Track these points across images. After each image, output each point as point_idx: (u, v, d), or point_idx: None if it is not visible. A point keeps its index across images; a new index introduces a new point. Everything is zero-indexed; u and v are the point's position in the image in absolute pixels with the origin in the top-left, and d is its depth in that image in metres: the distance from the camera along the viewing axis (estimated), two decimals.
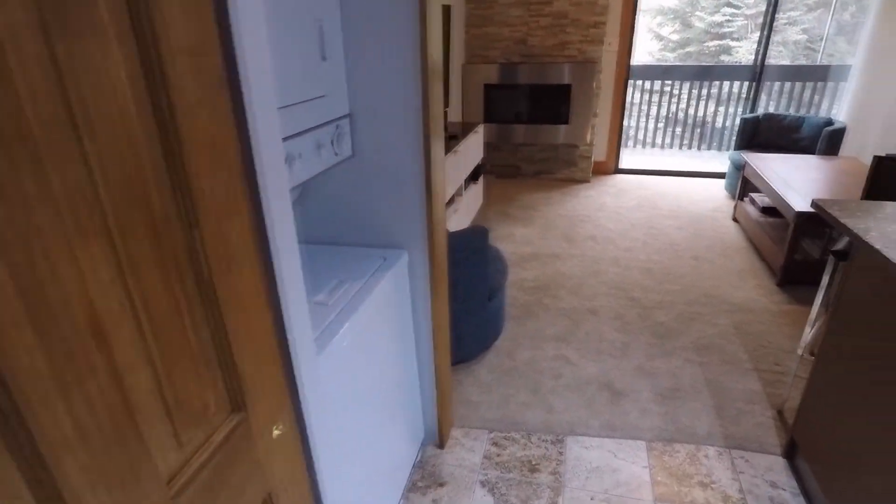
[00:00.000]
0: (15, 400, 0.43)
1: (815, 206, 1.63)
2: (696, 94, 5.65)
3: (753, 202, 3.45)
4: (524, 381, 2.21)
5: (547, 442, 1.90)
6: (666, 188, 4.56)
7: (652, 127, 5.97)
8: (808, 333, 2.03)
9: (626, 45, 4.55)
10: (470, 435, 1.95)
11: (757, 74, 4.68)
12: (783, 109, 5.29)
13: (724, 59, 8.93)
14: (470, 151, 3.49)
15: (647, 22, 9.25)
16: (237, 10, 0.67)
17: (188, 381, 0.65)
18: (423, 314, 1.68)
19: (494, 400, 2.11)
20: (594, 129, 4.60)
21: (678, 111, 5.86)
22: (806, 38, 8.48)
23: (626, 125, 5.96)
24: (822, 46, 6.56)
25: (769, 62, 4.80)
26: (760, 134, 4.26)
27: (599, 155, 4.92)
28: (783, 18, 8.45)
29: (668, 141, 6.06)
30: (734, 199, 3.87)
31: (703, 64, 8.58)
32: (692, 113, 5.81)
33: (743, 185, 3.64)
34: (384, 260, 1.53)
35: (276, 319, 0.84)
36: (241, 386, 0.74)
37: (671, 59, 9.23)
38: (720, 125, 5.91)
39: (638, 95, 5.85)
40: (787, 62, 8.13)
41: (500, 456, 1.85)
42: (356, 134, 1.49)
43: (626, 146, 6.05)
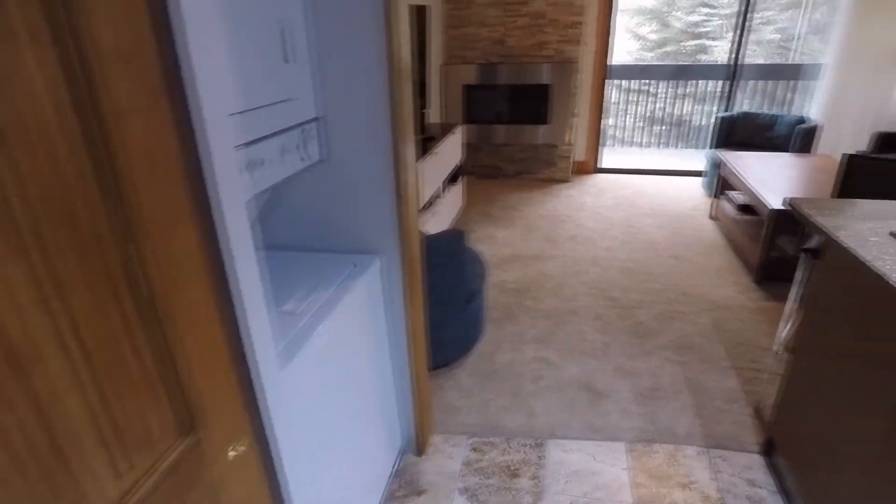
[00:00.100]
0: None
1: (788, 204, 1.64)
2: (674, 93, 5.72)
3: (730, 200, 3.48)
4: (505, 384, 2.19)
5: (527, 446, 1.88)
6: (645, 187, 4.59)
7: (632, 126, 6.01)
8: (783, 330, 2.04)
9: (603, 44, 4.56)
10: (450, 441, 1.92)
11: (732, 73, 4.73)
12: (759, 108, 5.36)
13: (701, 58, 9.04)
14: (449, 153, 3.47)
15: (625, 22, 9.33)
16: (180, 11, 0.63)
17: (128, 405, 0.61)
18: (397, 320, 1.65)
19: (475, 404, 2.09)
20: (573, 128, 4.61)
21: (656, 110, 5.91)
22: (780, 37, 8.62)
23: (606, 124, 6.00)
24: (795, 46, 6.67)
25: (745, 61, 4.86)
26: (737, 132, 4.30)
27: (579, 154, 4.94)
28: (758, 18, 8.57)
29: (647, 140, 6.11)
30: (712, 197, 3.90)
31: (680, 63, 8.67)
32: (671, 112, 5.87)
33: (720, 183, 3.67)
34: (355, 266, 1.50)
35: (232, 334, 0.81)
36: (191, 407, 0.70)
37: (650, 58, 9.32)
38: (698, 124, 5.98)
39: (617, 95, 5.89)
40: (762, 61, 8.26)
41: (479, 462, 1.82)
42: (325, 138, 1.46)
43: (606, 145, 6.08)
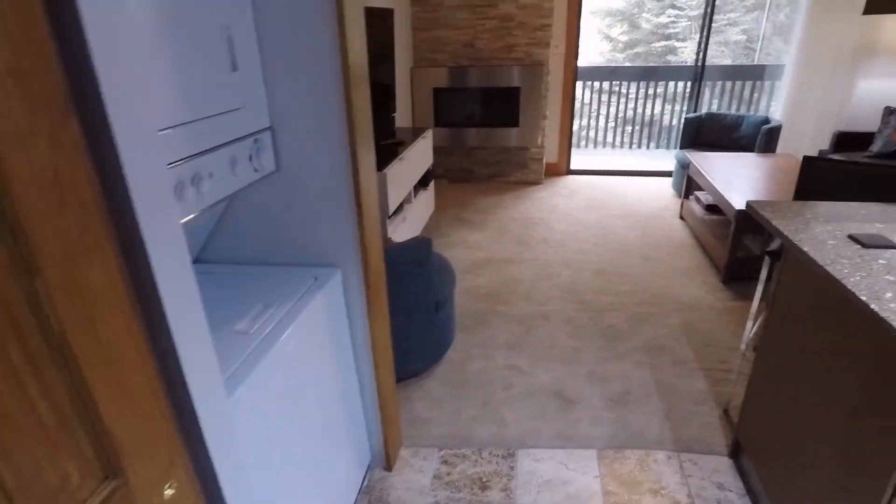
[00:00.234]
0: None
1: (748, 208, 1.65)
2: (644, 93, 5.78)
3: (698, 200, 3.52)
4: (475, 393, 2.16)
5: (498, 457, 1.86)
6: (616, 188, 4.63)
7: (604, 126, 6.07)
8: (749, 330, 2.07)
9: (572, 47, 4.58)
10: (419, 454, 1.89)
11: (698, 75, 4.80)
12: (727, 108, 5.47)
13: (670, 59, 9.19)
14: (418, 157, 3.43)
15: (596, 23, 9.45)
16: (88, 22, 0.58)
17: (36, 454, 0.55)
18: (361, 334, 1.60)
19: (445, 415, 2.05)
20: (544, 131, 4.62)
21: (626, 111, 5.97)
22: (745, 38, 8.83)
23: (579, 125, 6.04)
24: (759, 46, 6.83)
25: (712, 62, 4.95)
26: (703, 133, 4.37)
27: (551, 157, 4.95)
28: (724, 20, 8.76)
29: (618, 140, 6.17)
30: (681, 197, 3.95)
31: (649, 65, 8.80)
32: (641, 112, 5.94)
33: (688, 183, 3.72)
34: (315, 280, 1.45)
35: (166, 365, 0.76)
36: (114, 448, 0.65)
37: (621, 59, 9.44)
38: (667, 124, 6.07)
39: (589, 95, 5.94)
40: (729, 61, 8.44)
41: (450, 475, 1.79)
42: (279, 147, 1.41)
43: (579, 146, 6.13)
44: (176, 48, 0.99)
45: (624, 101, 5.95)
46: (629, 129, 6.11)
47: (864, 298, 1.09)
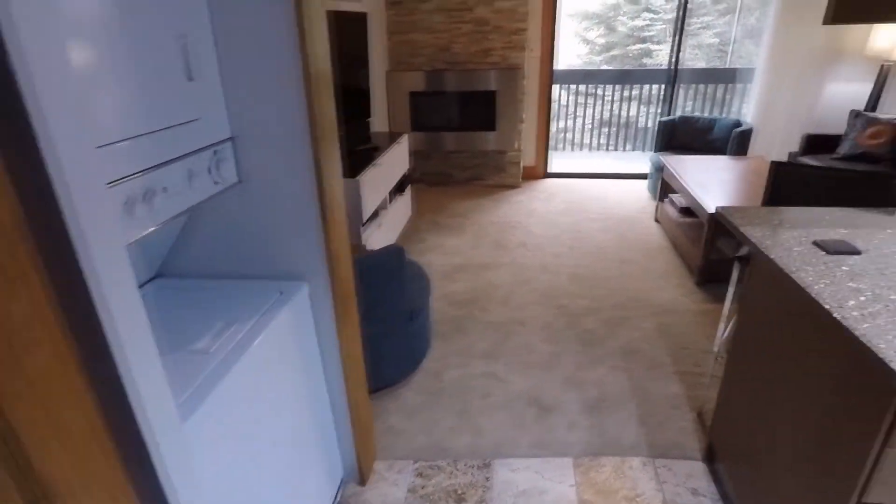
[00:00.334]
0: None
1: (718, 214, 1.66)
2: (621, 95, 5.84)
3: (673, 203, 3.56)
4: (452, 402, 2.14)
5: (474, 468, 1.83)
6: (594, 191, 4.66)
7: (582, 129, 6.11)
8: (721, 333, 2.08)
9: (548, 50, 4.60)
10: (394, 467, 1.85)
11: (672, 78, 4.86)
12: (701, 111, 5.55)
13: (646, 61, 9.30)
14: (394, 163, 3.40)
15: (574, 26, 9.53)
16: (11, 27, 0.55)
17: None
18: (330, 347, 1.57)
19: (420, 426, 2.02)
20: (521, 134, 4.63)
21: (602, 113, 6.02)
22: (719, 41, 8.99)
23: (557, 128, 6.07)
24: (731, 49, 6.95)
25: (687, 65, 5.01)
26: (677, 136, 4.42)
27: (529, 160, 4.96)
28: (698, 23, 8.91)
29: (597, 142, 6.22)
30: (656, 200, 3.99)
31: (624, 68, 8.90)
32: (619, 115, 5.99)
33: (662, 186, 3.75)
34: (280, 294, 1.41)
35: (107, 397, 0.72)
36: (47, 494, 0.61)
37: (598, 61, 9.53)
38: (643, 126, 6.13)
39: (567, 97, 5.97)
40: (703, 64, 8.57)
41: (425, 488, 1.76)
42: (242, 158, 1.37)
43: (557, 149, 6.16)
44: (124, 59, 0.95)
45: (601, 103, 6.00)
46: (606, 130, 6.17)
47: (827, 307, 1.10)
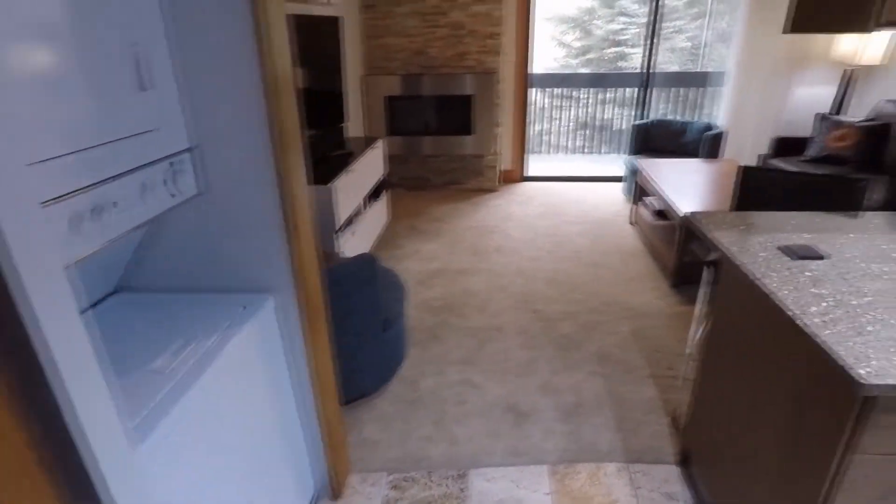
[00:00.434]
0: None
1: (688, 220, 1.67)
2: (598, 99, 5.90)
3: (647, 206, 3.59)
4: (427, 411, 2.12)
5: (449, 478, 1.81)
6: (571, 194, 4.68)
7: (559, 131, 6.15)
8: (693, 336, 2.10)
9: (523, 54, 4.62)
10: (368, 480, 1.82)
11: (645, 81, 4.92)
12: (676, 114, 5.62)
13: (621, 65, 9.41)
14: (369, 168, 3.37)
15: (550, 30, 9.61)
16: None
17: None
18: (299, 361, 1.53)
19: (396, 436, 2.00)
20: (498, 138, 4.64)
21: (581, 116, 6.07)
22: (691, 45, 9.16)
23: (535, 130, 6.10)
24: (702, 53, 7.07)
25: (662, 68, 5.07)
26: (652, 139, 4.47)
27: (506, 163, 4.97)
28: (671, 27, 9.05)
29: (574, 145, 6.26)
30: (631, 202, 4.02)
31: (598, 72, 8.99)
32: (596, 118, 6.05)
33: (637, 189, 3.79)
34: (244, 308, 1.37)
35: (46, 427, 0.68)
36: None
37: (575, 64, 9.61)
38: (619, 129, 6.20)
39: (545, 101, 6.01)
40: (676, 68, 8.72)
41: (399, 501, 1.73)
42: (201, 169, 1.33)
43: (535, 152, 6.19)
44: (69, 69, 0.91)
45: (578, 106, 6.05)
46: (583, 133, 6.22)
47: (790, 313, 1.10)
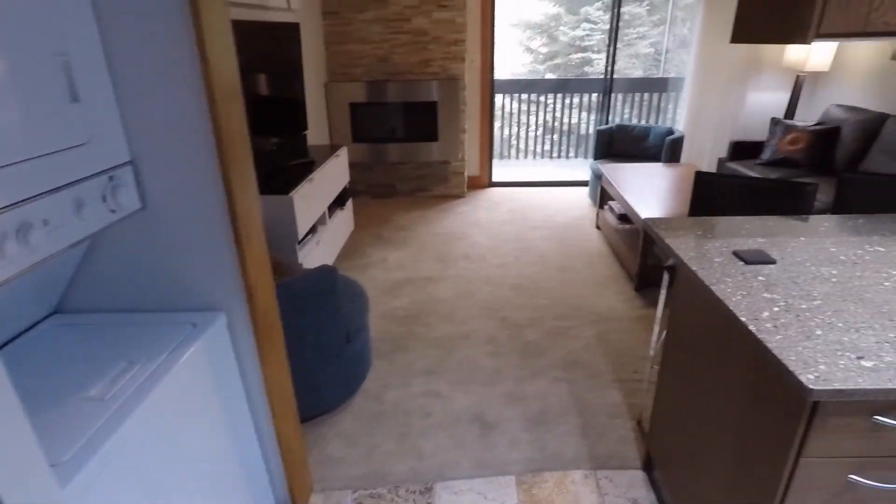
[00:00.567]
0: None
1: (645, 226, 1.68)
2: (564, 103, 5.97)
3: (611, 210, 3.64)
4: (392, 425, 2.07)
5: (415, 493, 1.78)
6: (537, 199, 4.71)
7: (526, 137, 6.20)
8: (655, 339, 2.12)
9: (487, 61, 4.63)
10: (332, 498, 1.77)
11: (607, 87, 5.00)
12: (640, 118, 5.74)
13: (587, 70, 9.59)
14: (332, 177, 3.31)
15: (517, 35, 9.73)
16: None
17: None
18: (253, 380, 1.48)
19: (360, 452, 1.95)
20: (465, 144, 4.64)
21: (546, 121, 6.14)
22: (654, 51, 9.39)
23: (503, 136, 6.14)
24: (663, 59, 7.25)
25: (625, 74, 5.17)
26: (615, 144, 4.54)
27: (473, 170, 4.97)
28: (634, 33, 9.28)
29: (541, 150, 6.32)
30: (596, 207, 4.07)
31: (565, 77, 9.13)
32: (562, 122, 6.12)
33: (601, 194, 3.84)
34: (194, 326, 1.31)
35: None
36: None
37: (542, 70, 9.75)
38: (585, 133, 6.29)
39: (514, 105, 6.05)
40: (640, 73, 8.93)
41: None
42: (144, 183, 1.26)
43: (504, 157, 6.23)
44: None
45: (544, 112, 6.12)
46: (550, 138, 6.29)
47: (743, 319, 1.11)
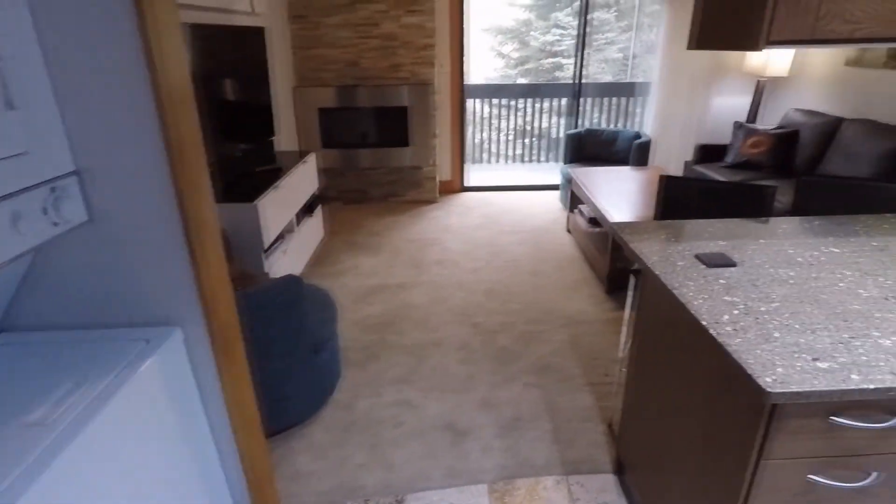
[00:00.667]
0: None
1: (611, 231, 1.69)
2: (535, 108, 6.01)
3: (581, 214, 3.66)
4: (363, 436, 2.03)
5: None
6: (509, 203, 4.72)
7: (498, 141, 6.22)
8: (623, 340, 2.13)
9: (458, 65, 4.64)
10: None
11: (576, 92, 5.06)
12: (610, 123, 5.81)
13: (558, 75, 9.71)
14: (300, 183, 3.26)
15: (489, 40, 9.80)
16: None
17: None
18: (213, 396, 1.42)
19: (329, 465, 1.90)
20: (437, 149, 4.62)
21: (520, 125, 6.17)
22: (622, 56, 9.57)
23: (476, 140, 6.15)
24: (630, 64, 7.38)
25: (595, 79, 5.24)
26: (585, 148, 4.59)
27: (445, 174, 4.96)
28: (603, 39, 9.44)
29: (513, 154, 6.36)
30: (567, 210, 4.10)
31: (532, 82, 9.24)
32: (534, 126, 6.17)
33: (572, 198, 3.87)
34: (147, 343, 1.26)
35: None
36: None
37: (513, 75, 9.84)
38: (556, 137, 6.36)
39: (486, 110, 6.07)
40: (610, 78, 9.08)
41: None
42: (91, 193, 1.21)
43: (478, 161, 6.24)
44: None
45: (516, 116, 6.15)
46: (521, 142, 6.33)
47: (704, 323, 1.12)
